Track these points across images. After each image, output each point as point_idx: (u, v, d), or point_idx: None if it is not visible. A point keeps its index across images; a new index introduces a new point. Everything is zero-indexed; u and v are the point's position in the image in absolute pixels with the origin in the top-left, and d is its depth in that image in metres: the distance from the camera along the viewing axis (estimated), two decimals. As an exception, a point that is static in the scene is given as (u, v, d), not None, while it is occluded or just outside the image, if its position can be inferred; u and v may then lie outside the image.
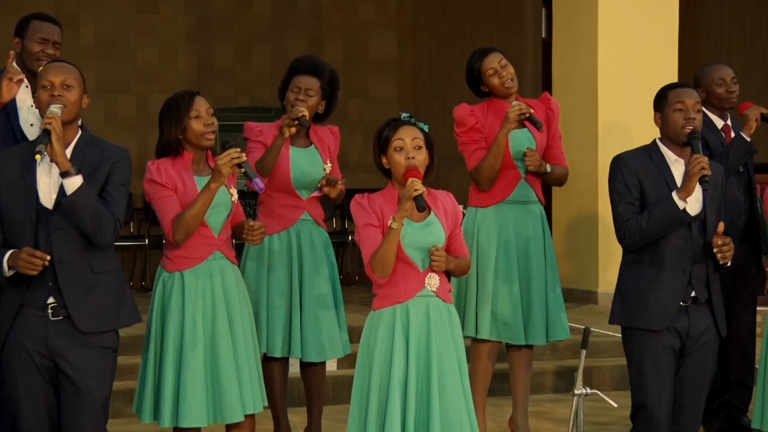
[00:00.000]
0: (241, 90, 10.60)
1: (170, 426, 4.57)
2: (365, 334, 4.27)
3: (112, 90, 10.45)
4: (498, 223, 5.45)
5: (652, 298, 4.56)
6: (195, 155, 4.64)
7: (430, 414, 4.13)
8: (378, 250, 4.13)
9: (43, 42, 5.17)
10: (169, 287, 4.60)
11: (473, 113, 5.50)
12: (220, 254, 4.65)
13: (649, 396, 4.57)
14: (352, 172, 10.59)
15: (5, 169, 4.12)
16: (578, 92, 8.65)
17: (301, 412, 5.66)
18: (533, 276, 5.48)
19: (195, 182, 4.58)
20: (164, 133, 4.61)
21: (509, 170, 5.48)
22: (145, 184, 4.60)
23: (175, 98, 4.63)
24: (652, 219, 4.52)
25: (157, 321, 4.61)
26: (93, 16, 10.48)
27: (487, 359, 5.53)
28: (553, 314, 5.52)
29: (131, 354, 6.68)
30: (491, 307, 5.44)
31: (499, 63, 5.49)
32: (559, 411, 6.59)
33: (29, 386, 4.10)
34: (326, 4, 11.23)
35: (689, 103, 4.60)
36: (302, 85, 5.27)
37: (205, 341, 4.56)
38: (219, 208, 4.60)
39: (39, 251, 3.98)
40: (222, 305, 4.60)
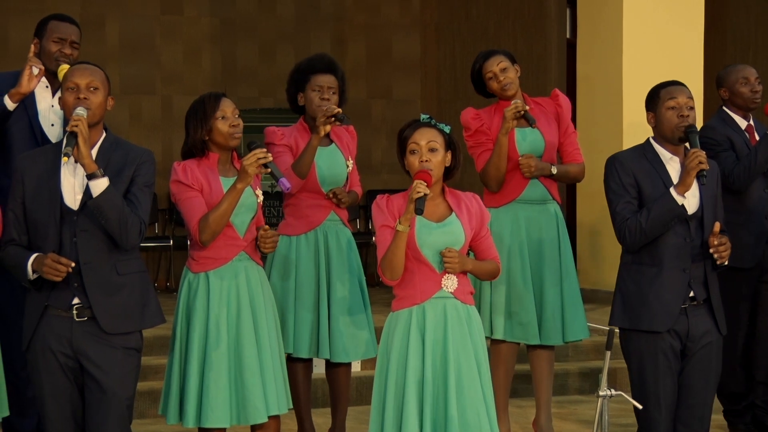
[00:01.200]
0: (264, 91, 10.62)
1: (194, 426, 4.58)
2: (384, 335, 4.27)
3: (137, 91, 10.49)
4: (510, 223, 5.44)
5: (654, 299, 4.53)
6: (221, 156, 4.65)
7: (447, 416, 4.12)
8: (386, 253, 4.13)
9: (60, 41, 5.19)
10: (194, 288, 4.61)
11: (478, 116, 5.50)
12: (245, 255, 4.66)
13: (649, 399, 4.54)
14: (376, 173, 10.61)
15: (30, 170, 4.14)
16: (603, 93, 8.63)
17: (326, 413, 5.67)
18: (546, 275, 5.46)
19: (221, 183, 4.59)
20: (190, 134, 4.63)
21: (519, 170, 5.47)
22: (171, 185, 4.62)
23: (202, 99, 4.65)
24: (651, 216, 4.49)
25: (182, 322, 4.63)
26: (118, 17, 10.52)
27: (506, 360, 5.52)
28: (570, 314, 5.49)
29: (155, 354, 6.71)
30: (505, 307, 5.43)
31: (499, 66, 5.48)
32: (584, 412, 6.57)
33: (54, 386, 4.12)
34: (350, 4, 11.24)
35: (681, 100, 4.57)
36: (324, 84, 5.28)
37: (229, 342, 4.57)
38: (244, 209, 4.61)
39: (64, 258, 4.00)
40: (247, 306, 4.61)
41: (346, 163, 5.36)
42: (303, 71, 5.35)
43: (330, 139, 5.37)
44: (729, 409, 6.02)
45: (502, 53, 5.53)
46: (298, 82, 5.35)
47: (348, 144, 5.42)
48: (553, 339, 5.47)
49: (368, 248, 10.46)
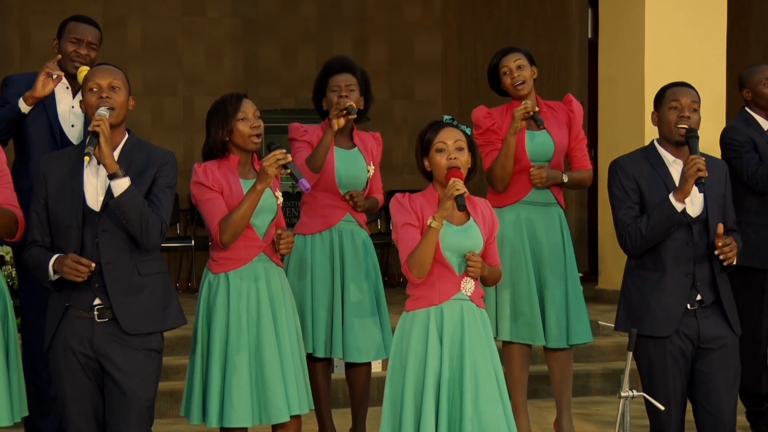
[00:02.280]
0: (286, 91, 10.63)
1: (217, 426, 4.59)
2: (397, 335, 4.27)
3: (159, 92, 10.52)
4: (512, 224, 5.43)
5: (656, 303, 4.51)
6: (241, 158, 4.66)
7: (463, 416, 4.12)
8: (416, 249, 4.13)
9: (77, 42, 5.20)
10: (214, 288, 4.62)
11: (489, 115, 5.50)
12: (265, 256, 4.66)
13: (659, 401, 4.52)
14: (397, 173, 10.60)
15: (53, 171, 4.15)
16: (625, 93, 8.60)
17: (346, 413, 5.67)
18: (550, 278, 5.45)
19: (241, 185, 4.60)
20: (211, 135, 4.64)
21: (526, 171, 5.46)
22: (191, 186, 4.63)
23: (223, 100, 4.66)
24: (651, 222, 4.47)
25: (203, 322, 4.64)
26: (140, 18, 10.55)
27: (519, 361, 5.51)
28: (574, 317, 5.48)
29: (176, 355, 6.73)
30: (510, 308, 5.43)
31: (515, 63, 5.47)
32: (606, 413, 6.55)
33: (75, 387, 4.13)
34: (371, 5, 11.24)
35: (684, 101, 4.54)
36: (341, 83, 5.28)
37: (250, 342, 4.58)
38: (264, 211, 4.62)
39: (84, 258, 4.01)
40: (267, 306, 4.62)
41: (367, 168, 5.36)
42: (321, 76, 5.37)
43: (353, 142, 5.37)
44: (752, 410, 5.98)
45: (521, 51, 5.52)
46: (320, 88, 5.37)
47: (372, 149, 5.42)
48: (556, 341, 5.46)
49: (388, 249, 10.46)
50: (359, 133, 5.43)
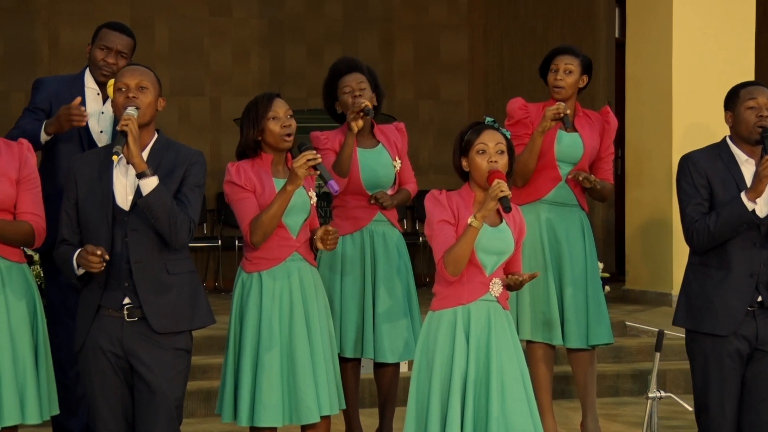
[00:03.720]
0: (312, 92, 10.61)
1: (247, 425, 4.60)
2: (423, 334, 4.26)
3: (186, 93, 10.56)
4: (532, 224, 5.40)
5: (718, 302, 4.50)
6: (274, 157, 4.67)
7: (489, 418, 4.11)
8: (454, 247, 4.13)
9: (105, 50, 5.19)
10: (247, 288, 4.64)
11: (525, 108, 5.48)
12: (299, 256, 4.67)
13: (712, 401, 4.51)
14: (423, 173, 10.58)
15: (83, 171, 4.17)
16: (652, 93, 8.56)
17: (373, 413, 5.67)
18: (570, 278, 5.44)
19: (273, 184, 4.61)
20: (243, 134, 4.66)
21: (550, 170, 5.45)
22: (224, 185, 4.66)
23: (255, 100, 4.68)
24: (720, 220, 4.46)
25: (236, 322, 4.65)
26: (167, 20, 10.59)
27: (542, 361, 5.49)
28: (594, 318, 5.46)
29: (204, 354, 6.75)
30: (530, 307, 5.42)
31: (565, 65, 5.45)
32: (633, 414, 6.53)
33: (105, 386, 4.15)
34: (397, 5, 11.24)
35: (762, 100, 4.53)
36: (352, 83, 5.27)
37: (282, 342, 4.59)
38: (297, 210, 4.63)
39: (90, 246, 4.00)
40: (299, 306, 4.63)
41: (393, 163, 5.35)
42: (330, 80, 5.37)
43: (376, 139, 5.37)
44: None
45: (579, 57, 5.48)
46: (331, 92, 5.36)
47: (396, 143, 5.41)
48: (576, 342, 5.44)
49: (416, 249, 10.45)
50: (381, 127, 5.42)
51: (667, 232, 8.38)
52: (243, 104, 5.86)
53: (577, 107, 5.53)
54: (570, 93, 5.47)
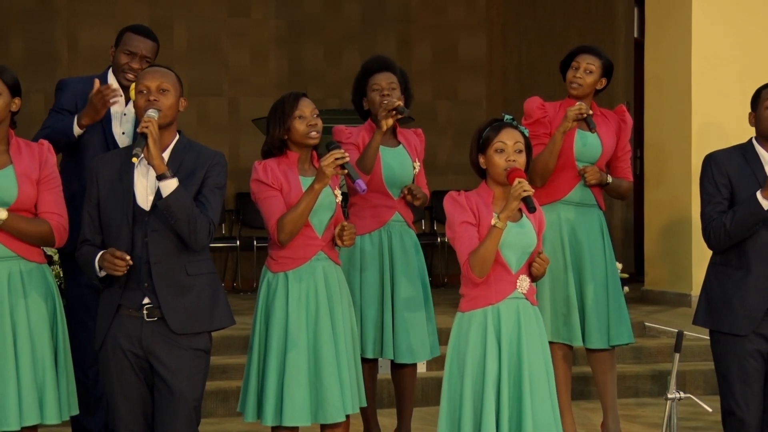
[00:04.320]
0: (330, 92, 10.66)
1: (273, 425, 4.60)
2: (454, 336, 4.26)
3: (204, 93, 10.58)
4: (552, 224, 5.40)
5: (737, 302, 4.49)
6: (300, 155, 4.68)
7: (522, 416, 4.12)
8: (479, 249, 4.12)
9: (130, 55, 5.20)
10: (273, 288, 4.64)
11: (543, 107, 5.48)
12: (324, 255, 4.68)
13: (736, 402, 4.50)
14: (441, 174, 10.58)
15: (104, 171, 4.19)
16: (671, 93, 8.53)
17: (391, 413, 5.67)
18: (590, 279, 5.43)
19: (300, 182, 4.62)
20: (270, 132, 4.67)
21: (570, 170, 5.44)
22: (251, 183, 4.67)
23: (282, 99, 4.70)
24: (736, 218, 4.46)
25: (261, 321, 4.66)
26: (186, 20, 10.62)
27: (562, 361, 5.48)
28: (614, 318, 5.45)
29: (222, 354, 6.76)
30: (551, 308, 5.40)
31: (586, 65, 5.45)
32: (653, 415, 6.51)
33: (125, 385, 4.16)
34: (416, 5, 11.23)
35: None
36: (383, 82, 5.28)
37: (308, 341, 4.59)
38: (323, 209, 4.64)
39: (119, 251, 4.03)
40: (325, 306, 4.64)
41: (413, 164, 5.36)
42: (361, 76, 5.38)
43: (397, 140, 5.38)
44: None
45: (602, 59, 5.47)
46: (360, 89, 5.37)
47: (416, 146, 5.43)
48: (596, 342, 5.42)
49: (433, 249, 10.45)
50: (402, 130, 5.43)
51: (686, 232, 8.35)
52: (261, 105, 5.94)
53: (594, 107, 5.53)
54: (587, 92, 5.46)
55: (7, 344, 4.21)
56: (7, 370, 4.19)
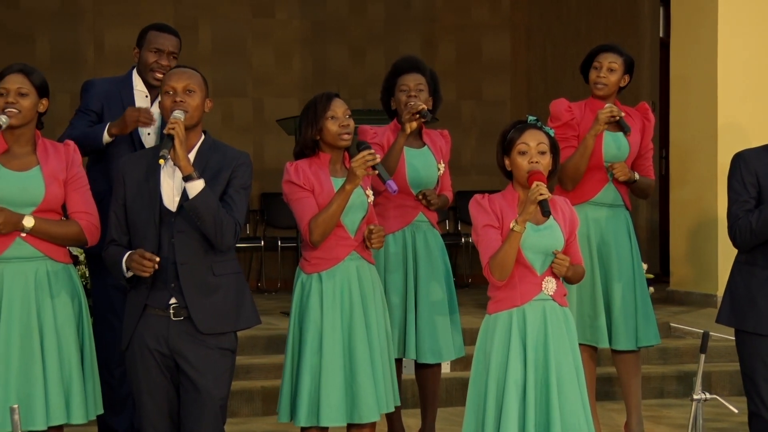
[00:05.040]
0: (354, 93, 10.66)
1: (306, 425, 4.61)
2: (481, 337, 4.26)
3: (229, 93, 10.60)
4: (580, 225, 5.37)
5: (762, 301, 4.48)
6: (332, 156, 4.69)
7: (550, 419, 4.11)
8: (498, 253, 4.12)
9: (158, 53, 5.22)
10: (307, 289, 4.65)
11: (570, 109, 5.46)
12: (357, 254, 4.69)
13: (763, 403, 4.48)
14: (465, 174, 10.58)
15: (131, 172, 4.20)
16: (697, 93, 8.49)
17: (415, 414, 5.66)
18: (617, 280, 5.41)
19: (332, 183, 4.63)
20: (302, 133, 4.68)
21: (598, 171, 5.42)
22: (283, 185, 4.67)
23: (314, 100, 4.70)
24: (762, 217, 4.44)
25: (296, 323, 4.67)
26: (211, 21, 10.65)
27: (587, 363, 5.45)
28: (642, 320, 5.44)
29: (248, 354, 6.78)
30: (577, 309, 5.39)
31: (608, 63, 5.44)
32: (678, 416, 6.48)
33: (151, 384, 4.18)
34: (440, 5, 11.22)
35: None
36: (410, 83, 5.28)
37: (342, 341, 4.60)
38: (355, 209, 4.64)
39: (148, 253, 4.05)
40: (359, 305, 4.64)
41: (437, 166, 5.36)
42: (390, 76, 5.38)
43: (423, 141, 5.38)
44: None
45: (623, 56, 5.47)
46: (389, 88, 5.37)
47: (441, 148, 5.42)
48: (624, 344, 5.40)
49: (458, 249, 10.43)
50: (428, 131, 5.43)
51: (712, 232, 8.31)
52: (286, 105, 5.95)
53: (618, 105, 5.51)
54: (611, 91, 5.45)
55: (34, 344, 4.24)
56: (34, 370, 4.22)
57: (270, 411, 6.38)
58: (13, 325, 4.23)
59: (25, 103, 4.29)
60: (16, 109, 4.26)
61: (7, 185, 4.24)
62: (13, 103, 4.27)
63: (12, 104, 4.26)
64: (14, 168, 4.29)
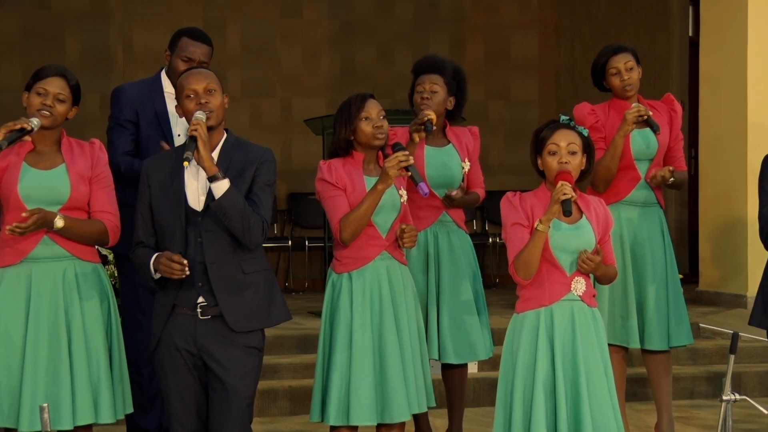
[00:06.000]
0: (382, 92, 10.60)
1: (336, 424, 4.61)
2: (508, 337, 4.25)
3: (257, 94, 10.63)
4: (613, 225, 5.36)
5: None
6: (366, 156, 4.69)
7: (581, 419, 4.10)
8: (522, 251, 4.11)
9: (188, 61, 5.19)
10: (337, 289, 4.66)
11: (593, 112, 5.44)
12: (388, 254, 4.68)
13: None
14: (493, 174, 10.55)
15: (155, 174, 4.22)
16: (727, 92, 8.44)
17: (442, 414, 5.66)
18: (650, 280, 5.38)
19: (365, 182, 4.63)
20: (336, 133, 4.69)
21: (629, 170, 5.39)
22: (316, 183, 4.68)
23: (349, 101, 4.71)
24: None
25: (327, 322, 4.67)
26: (239, 22, 10.67)
27: (618, 363, 5.44)
28: (674, 319, 5.41)
29: (275, 354, 6.80)
30: (609, 309, 5.36)
31: (625, 65, 5.41)
32: (707, 417, 6.45)
33: (179, 383, 4.19)
34: (468, 5, 11.21)
35: None
36: (425, 85, 5.27)
37: (372, 341, 4.60)
38: (387, 209, 4.64)
39: (177, 255, 4.07)
40: (389, 305, 4.64)
41: (462, 164, 5.34)
42: (413, 75, 5.37)
43: (447, 139, 5.36)
44: None
45: (630, 52, 5.46)
46: (412, 86, 5.37)
47: (467, 144, 5.39)
48: (656, 344, 5.37)
49: (485, 249, 10.42)
50: (454, 128, 5.41)
51: (741, 232, 8.25)
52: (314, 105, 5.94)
53: (641, 101, 5.49)
54: (637, 88, 5.44)
55: (62, 344, 4.26)
56: (62, 369, 4.24)
57: (297, 410, 6.39)
58: (41, 324, 4.25)
59: (60, 109, 4.32)
60: (49, 112, 4.29)
61: (34, 184, 4.27)
62: (50, 107, 4.29)
63: (48, 107, 4.29)
64: (40, 167, 4.31)
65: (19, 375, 4.22)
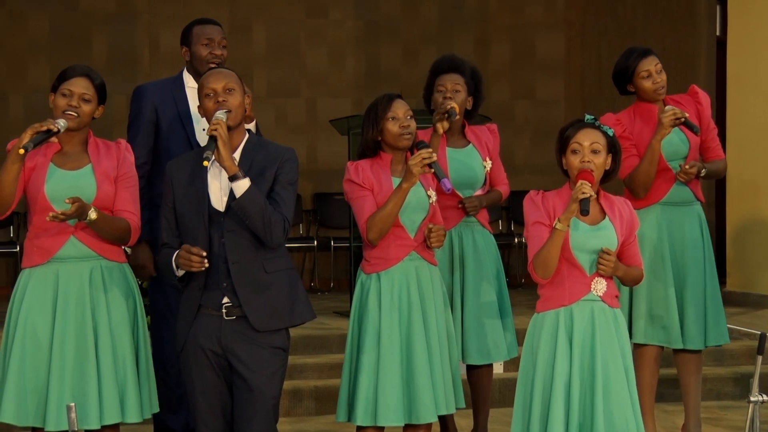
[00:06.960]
0: (407, 92, 10.56)
1: (363, 424, 4.61)
2: (528, 336, 4.25)
3: (283, 94, 10.66)
4: (652, 226, 5.34)
5: None
6: (394, 156, 4.69)
7: (594, 420, 4.09)
8: (541, 250, 4.10)
9: (210, 43, 5.24)
10: (366, 289, 4.66)
11: (619, 121, 5.41)
12: (417, 255, 4.68)
13: None
14: (518, 174, 10.54)
15: (178, 174, 4.23)
16: (754, 92, 8.40)
17: (468, 414, 5.66)
18: (689, 279, 5.35)
19: (392, 183, 4.63)
20: (363, 134, 4.69)
21: (663, 172, 5.37)
22: (344, 183, 4.69)
23: (376, 101, 4.72)
24: None
25: (355, 322, 4.68)
26: (265, 22, 10.70)
27: (650, 363, 5.42)
28: (712, 319, 5.38)
29: (301, 354, 6.81)
30: (647, 310, 5.34)
31: (655, 67, 5.39)
32: (734, 418, 6.42)
33: (205, 383, 4.20)
34: (493, 5, 11.19)
35: None
36: (447, 83, 5.26)
37: (401, 341, 4.60)
38: (415, 209, 4.65)
39: (195, 248, 4.07)
40: (417, 305, 4.64)
41: (483, 163, 5.33)
42: (430, 75, 5.39)
43: (467, 139, 5.36)
44: None
45: (655, 54, 5.44)
46: (428, 87, 5.37)
47: (487, 143, 5.39)
48: (695, 343, 5.35)
49: (510, 249, 10.40)
50: (472, 127, 5.40)
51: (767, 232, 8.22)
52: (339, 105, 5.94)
53: (667, 99, 5.47)
54: (665, 88, 5.42)
55: (88, 343, 4.28)
56: (88, 368, 4.26)
57: (323, 410, 6.40)
58: (68, 324, 4.27)
59: (86, 109, 4.34)
60: (75, 113, 4.31)
61: (61, 185, 4.29)
62: (75, 107, 4.31)
63: (74, 108, 4.31)
64: (67, 168, 4.33)
65: (46, 374, 4.25)
